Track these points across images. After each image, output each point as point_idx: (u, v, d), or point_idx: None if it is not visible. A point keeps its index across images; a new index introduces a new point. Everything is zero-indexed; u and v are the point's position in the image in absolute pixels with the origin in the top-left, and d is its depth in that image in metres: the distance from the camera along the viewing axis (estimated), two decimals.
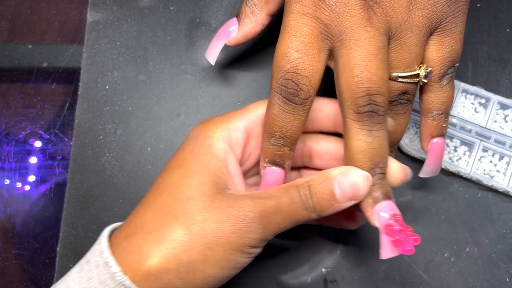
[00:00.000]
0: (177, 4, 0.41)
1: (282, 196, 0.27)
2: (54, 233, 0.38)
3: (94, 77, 0.39)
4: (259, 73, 0.40)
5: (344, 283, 0.36)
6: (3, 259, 0.38)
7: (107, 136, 0.39)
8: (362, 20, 0.27)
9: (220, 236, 0.26)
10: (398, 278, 0.36)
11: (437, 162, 0.33)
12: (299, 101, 0.28)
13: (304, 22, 0.28)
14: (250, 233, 0.26)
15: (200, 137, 0.29)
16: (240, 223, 0.26)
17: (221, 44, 0.35)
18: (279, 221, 0.27)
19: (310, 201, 0.27)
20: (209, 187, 0.27)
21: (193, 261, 0.26)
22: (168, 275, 0.26)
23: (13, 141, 0.40)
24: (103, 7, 0.41)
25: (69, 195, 0.38)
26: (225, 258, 0.26)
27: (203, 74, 0.40)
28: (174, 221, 0.26)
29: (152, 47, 0.40)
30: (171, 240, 0.26)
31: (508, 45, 0.40)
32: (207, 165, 0.28)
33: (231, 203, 0.27)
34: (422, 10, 0.29)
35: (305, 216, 0.27)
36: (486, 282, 0.36)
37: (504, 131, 0.38)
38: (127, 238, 0.27)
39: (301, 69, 0.28)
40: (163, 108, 0.39)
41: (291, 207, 0.27)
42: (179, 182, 0.28)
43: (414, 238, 0.27)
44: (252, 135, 0.31)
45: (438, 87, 0.31)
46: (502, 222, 0.37)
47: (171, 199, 0.27)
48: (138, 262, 0.26)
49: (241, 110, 0.31)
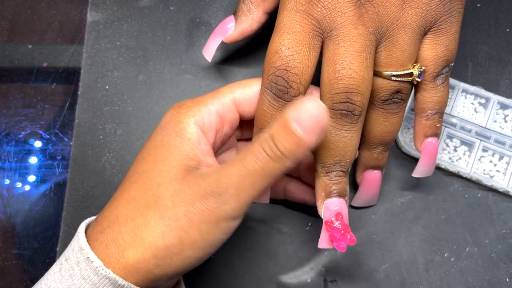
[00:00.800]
0: (177, 4, 0.41)
1: (245, 157, 0.26)
2: (54, 233, 0.38)
3: (94, 77, 0.39)
4: (259, 73, 0.40)
5: (344, 283, 0.36)
6: (3, 259, 0.38)
7: (107, 136, 0.39)
8: (353, 17, 0.28)
9: (192, 216, 0.26)
10: (398, 278, 0.36)
11: (430, 162, 0.33)
12: (288, 98, 0.28)
13: (296, 19, 0.28)
14: (222, 206, 0.26)
15: (172, 123, 0.29)
16: (210, 200, 0.26)
17: (218, 41, 0.35)
18: (250, 183, 0.26)
19: (276, 150, 0.26)
20: (178, 170, 0.27)
21: (169, 245, 0.26)
22: (147, 264, 0.26)
23: (13, 141, 0.40)
24: (103, 7, 0.41)
25: (69, 195, 0.38)
26: (201, 237, 0.26)
27: (203, 74, 0.40)
28: (146, 210, 0.26)
29: (152, 47, 0.40)
30: (145, 229, 0.26)
31: (508, 45, 0.40)
32: (178, 149, 0.28)
33: (198, 181, 0.26)
34: (415, 9, 0.29)
35: (278, 167, 0.26)
36: (486, 282, 0.36)
37: (504, 131, 0.38)
38: (102, 233, 0.27)
39: (292, 66, 0.28)
40: (163, 108, 0.39)
41: (258, 164, 0.26)
42: (149, 169, 0.28)
43: (350, 239, 0.29)
44: (225, 119, 0.30)
45: (432, 87, 0.31)
46: (502, 222, 0.37)
47: (142, 188, 0.27)
48: (115, 255, 0.26)
49: (214, 93, 0.30)
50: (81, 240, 0.27)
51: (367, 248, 0.37)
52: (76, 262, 0.26)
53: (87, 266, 0.26)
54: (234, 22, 0.34)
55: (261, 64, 0.40)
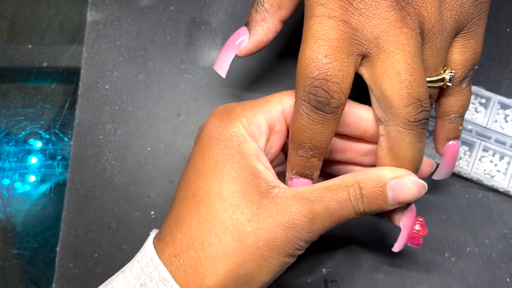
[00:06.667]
0: (177, 4, 0.41)
1: (331, 201, 0.26)
2: (54, 233, 0.38)
3: (94, 77, 0.39)
4: (260, 72, 0.40)
5: (344, 283, 0.36)
6: (3, 259, 0.38)
7: (107, 136, 0.39)
8: (396, 21, 0.26)
9: (273, 246, 0.26)
10: (398, 278, 0.36)
11: (452, 164, 0.33)
12: (330, 110, 0.26)
13: (331, 26, 0.26)
14: (300, 241, 0.26)
15: (226, 136, 0.27)
16: (291, 232, 0.26)
17: (231, 55, 0.32)
18: (326, 225, 0.27)
19: (361, 205, 0.26)
20: (251, 192, 0.26)
21: (249, 273, 0.26)
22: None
23: (13, 141, 0.40)
24: (103, 7, 0.41)
25: (69, 195, 0.38)
26: (278, 265, 0.27)
27: (203, 74, 0.40)
28: (223, 235, 0.26)
29: (152, 46, 0.40)
30: (224, 257, 0.26)
31: (508, 45, 0.40)
32: (244, 167, 0.27)
33: (279, 209, 0.26)
34: (451, 11, 0.27)
35: (352, 217, 0.27)
36: (487, 282, 0.36)
37: (504, 131, 0.38)
38: (178, 257, 0.26)
39: (331, 75, 0.25)
40: (163, 108, 0.39)
41: (340, 212, 0.26)
42: (218, 189, 0.26)
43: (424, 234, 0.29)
44: (273, 131, 0.29)
45: (458, 91, 0.30)
46: (502, 222, 0.37)
47: (214, 209, 0.26)
48: (195, 282, 0.25)
49: (262, 102, 0.29)
50: (161, 269, 0.26)
51: (367, 248, 0.37)
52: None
53: None
54: (247, 34, 0.31)
55: (262, 64, 0.40)
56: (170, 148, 0.38)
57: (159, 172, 0.38)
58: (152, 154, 0.38)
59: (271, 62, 0.40)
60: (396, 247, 0.29)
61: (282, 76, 0.40)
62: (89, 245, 0.37)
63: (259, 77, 0.40)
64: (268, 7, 0.31)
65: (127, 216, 0.37)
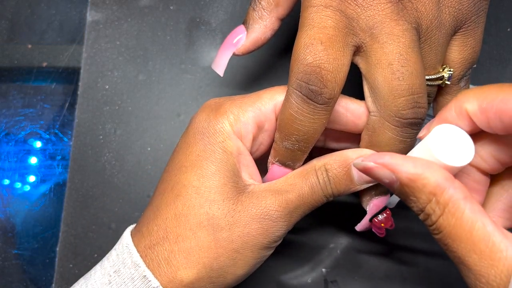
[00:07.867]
0: (177, 4, 0.41)
1: (303, 186, 0.27)
2: (54, 233, 0.38)
3: (94, 77, 0.39)
4: (260, 72, 0.40)
5: (344, 283, 0.36)
6: (3, 259, 0.38)
7: (107, 136, 0.39)
8: (391, 13, 0.25)
9: (247, 239, 0.26)
10: (398, 278, 0.36)
11: None
12: (321, 101, 0.25)
13: (327, 15, 0.25)
14: (276, 231, 0.27)
15: (211, 131, 0.27)
16: (266, 223, 0.26)
17: (229, 53, 0.32)
18: (300, 212, 0.27)
19: (329, 187, 0.27)
20: (229, 188, 0.27)
21: (223, 266, 0.26)
22: (200, 283, 0.26)
23: (13, 141, 0.40)
24: (103, 7, 0.41)
25: (69, 195, 0.38)
26: (253, 258, 0.27)
27: (203, 74, 0.40)
28: (198, 229, 0.26)
29: (152, 46, 0.40)
30: (198, 250, 0.26)
31: (509, 44, 0.40)
32: (224, 164, 0.27)
33: (254, 202, 0.26)
34: (449, 8, 0.27)
35: (323, 201, 0.27)
36: None
37: None
38: (152, 249, 0.26)
39: (325, 62, 0.24)
40: (163, 108, 0.39)
41: (312, 196, 0.27)
42: (197, 183, 0.27)
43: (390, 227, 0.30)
44: (262, 128, 0.28)
45: (455, 89, 0.30)
46: None
47: (190, 203, 0.26)
48: (168, 275, 0.26)
49: (254, 98, 0.28)
50: (134, 255, 0.26)
51: (367, 248, 0.37)
52: (130, 278, 0.26)
53: (143, 285, 0.26)
54: (244, 32, 0.31)
55: (262, 63, 0.40)
56: (170, 148, 0.38)
57: (159, 172, 0.38)
58: (152, 154, 0.38)
59: (270, 61, 0.40)
60: (358, 226, 0.30)
61: (282, 75, 0.40)
62: (89, 245, 0.37)
63: (259, 77, 0.40)
64: (265, 5, 0.31)
65: (127, 216, 0.37)
